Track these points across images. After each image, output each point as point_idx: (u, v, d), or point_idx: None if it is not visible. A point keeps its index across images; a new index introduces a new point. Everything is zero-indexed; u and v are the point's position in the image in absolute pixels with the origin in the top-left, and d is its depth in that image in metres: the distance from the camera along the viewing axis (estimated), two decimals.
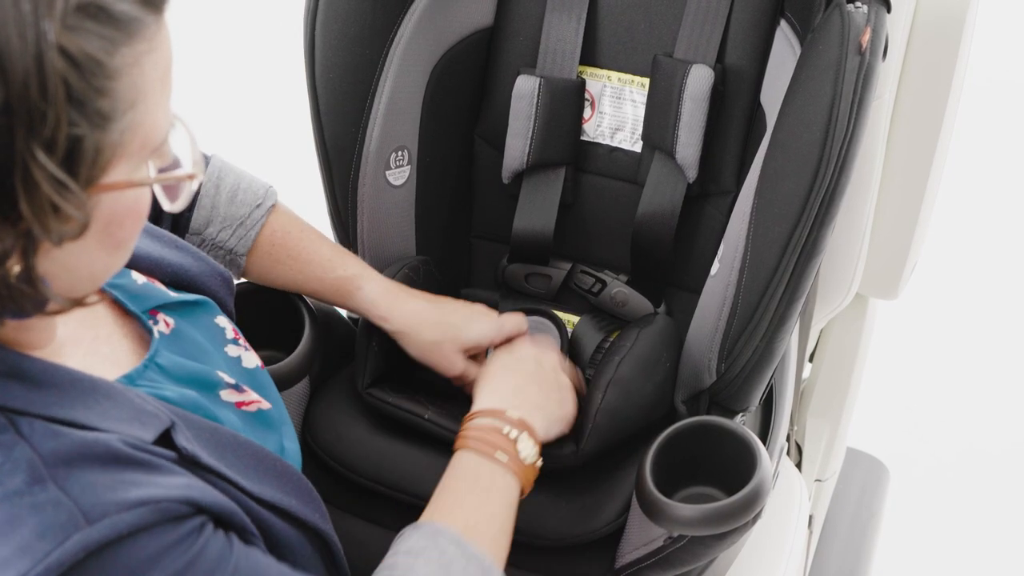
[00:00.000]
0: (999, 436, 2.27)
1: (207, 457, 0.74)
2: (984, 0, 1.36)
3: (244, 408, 0.87)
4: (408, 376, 1.21)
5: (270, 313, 1.12)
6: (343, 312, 1.27)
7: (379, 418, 1.14)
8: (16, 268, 0.62)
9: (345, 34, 1.16)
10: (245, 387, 0.88)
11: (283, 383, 1.10)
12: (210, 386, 0.85)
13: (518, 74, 1.26)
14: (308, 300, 1.14)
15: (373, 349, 1.14)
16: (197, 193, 1.05)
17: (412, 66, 1.22)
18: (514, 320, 1.13)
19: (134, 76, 0.64)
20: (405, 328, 1.11)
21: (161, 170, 0.70)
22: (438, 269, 1.26)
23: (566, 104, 1.25)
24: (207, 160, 1.06)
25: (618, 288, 1.28)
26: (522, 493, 0.95)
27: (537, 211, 1.28)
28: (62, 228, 0.62)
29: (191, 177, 0.71)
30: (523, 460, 0.95)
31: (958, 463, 2.22)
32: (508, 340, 1.12)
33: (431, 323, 1.11)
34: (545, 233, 1.27)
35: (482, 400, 1.00)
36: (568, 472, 1.07)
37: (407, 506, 1.08)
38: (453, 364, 1.11)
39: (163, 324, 0.85)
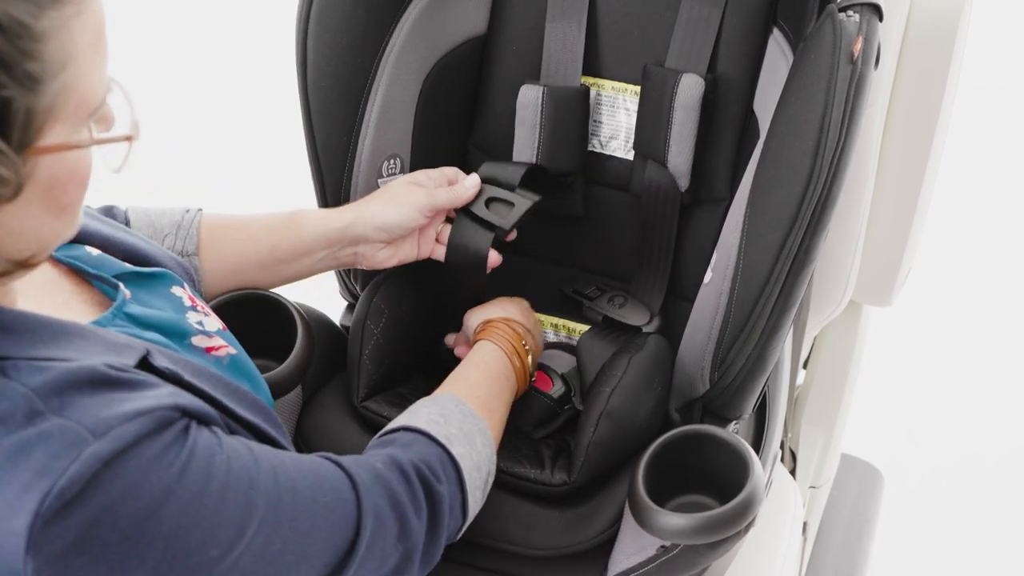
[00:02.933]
0: (994, 442, 2.27)
1: (188, 376, 0.77)
2: (976, 8, 1.36)
3: (214, 353, 0.89)
4: (402, 384, 1.21)
5: (262, 322, 1.11)
6: (335, 319, 1.27)
7: (373, 425, 1.14)
8: None
9: (337, 43, 1.16)
10: (214, 335, 0.90)
11: (276, 391, 1.10)
12: (180, 334, 0.88)
13: (516, 84, 1.25)
14: (300, 308, 1.14)
15: (364, 361, 1.14)
16: (128, 223, 1.07)
17: (405, 74, 1.21)
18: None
19: (62, 39, 0.65)
20: (360, 213, 1.13)
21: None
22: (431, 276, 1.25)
23: (572, 112, 1.24)
24: (125, 211, 1.08)
25: (615, 294, 1.27)
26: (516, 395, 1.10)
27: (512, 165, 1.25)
28: None
29: (128, 139, 0.72)
30: (526, 370, 1.12)
31: (953, 469, 2.22)
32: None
33: (382, 199, 1.15)
34: (510, 181, 1.22)
35: (492, 312, 1.16)
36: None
37: None
38: (419, 198, 1.14)
39: (122, 294, 0.86)
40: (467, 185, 1.17)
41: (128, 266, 0.91)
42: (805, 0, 1.10)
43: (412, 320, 1.21)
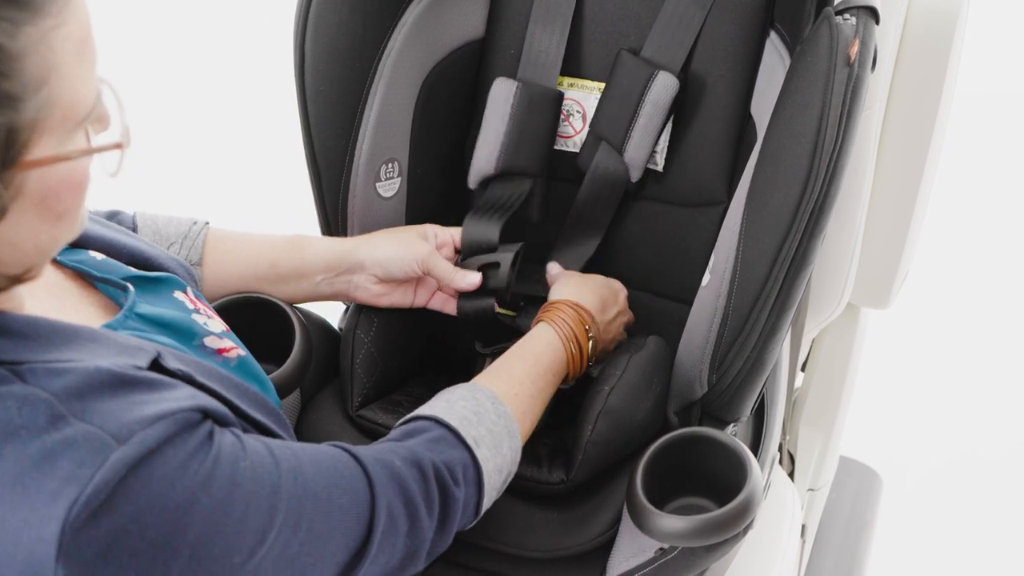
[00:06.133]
0: (992, 444, 2.27)
1: (200, 377, 0.77)
2: (973, 11, 1.36)
3: (225, 355, 0.89)
4: (397, 390, 1.21)
5: (260, 326, 1.12)
6: (333, 324, 1.27)
7: (370, 432, 1.14)
8: None
9: (335, 46, 1.16)
10: (224, 337, 0.90)
11: None
12: (191, 334, 0.88)
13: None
14: (299, 312, 1.14)
15: (356, 371, 1.14)
16: (135, 228, 1.07)
17: (402, 78, 1.22)
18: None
19: (42, 53, 0.63)
20: (362, 244, 1.15)
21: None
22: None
23: (542, 113, 1.24)
24: (132, 217, 1.08)
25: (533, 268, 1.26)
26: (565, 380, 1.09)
27: (493, 209, 1.25)
28: None
29: (119, 146, 0.71)
30: (585, 360, 1.10)
31: (951, 471, 2.22)
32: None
33: (386, 237, 1.17)
34: (491, 242, 1.22)
35: (567, 292, 1.14)
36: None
37: None
38: (419, 250, 1.15)
39: (132, 292, 0.86)
40: (467, 282, 1.17)
41: (132, 270, 0.91)
42: (802, 3, 1.10)
43: (403, 328, 1.21)
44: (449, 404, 0.94)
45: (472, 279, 1.16)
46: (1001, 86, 3.16)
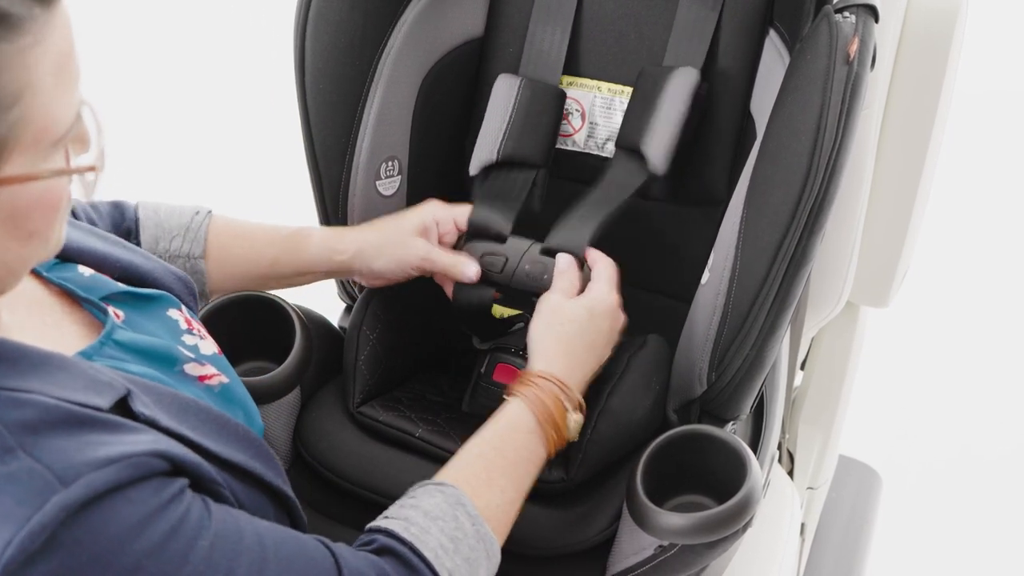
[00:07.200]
0: (991, 443, 2.28)
1: (167, 420, 0.74)
2: (973, 9, 1.37)
3: (207, 382, 0.87)
4: (398, 387, 1.21)
5: (260, 324, 1.12)
6: (333, 321, 1.27)
7: (370, 428, 1.14)
8: None
9: (335, 45, 1.16)
10: (207, 363, 0.88)
11: (274, 393, 1.10)
12: (171, 360, 0.85)
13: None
14: (299, 310, 1.14)
15: (360, 367, 1.14)
16: (137, 220, 1.06)
17: (402, 76, 1.22)
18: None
19: (16, 71, 0.62)
20: (361, 251, 1.12)
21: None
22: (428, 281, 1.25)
23: (545, 107, 1.23)
24: (134, 208, 1.07)
25: (536, 259, 1.15)
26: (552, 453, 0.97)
27: (503, 197, 1.21)
28: None
29: (92, 169, 0.70)
30: (566, 437, 0.97)
31: (950, 470, 2.22)
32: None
33: (383, 240, 1.13)
34: (500, 232, 1.17)
35: (539, 363, 0.99)
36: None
37: None
38: (414, 255, 1.12)
39: (112, 316, 0.84)
40: (468, 272, 1.13)
41: (122, 286, 0.89)
42: (801, 1, 1.10)
43: (408, 325, 1.21)
44: (426, 523, 0.83)
45: (471, 271, 1.12)
46: (1001, 86, 3.16)
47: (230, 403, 0.89)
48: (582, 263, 1.11)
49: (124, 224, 1.07)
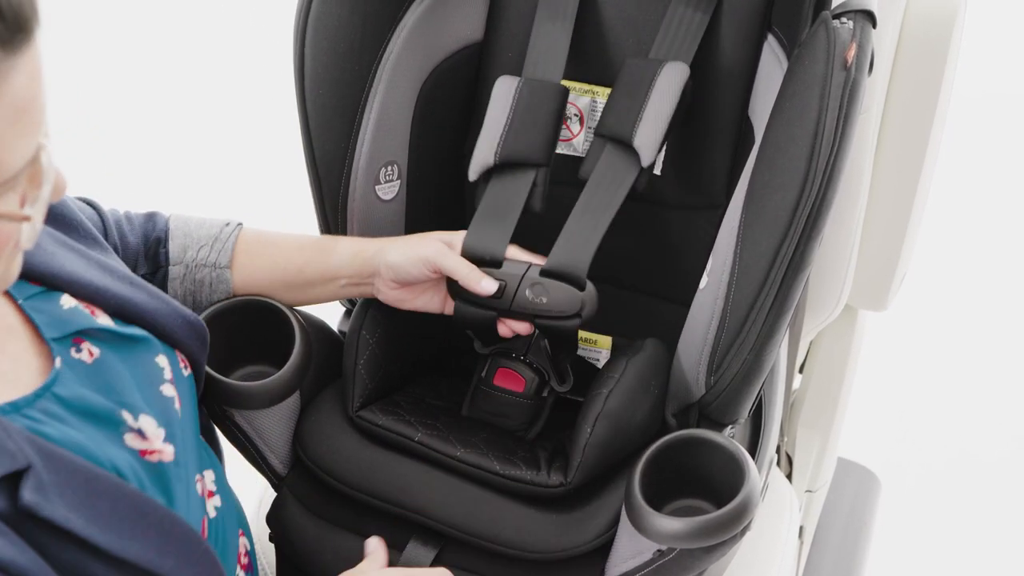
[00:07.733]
0: (990, 445, 2.28)
1: (54, 509, 0.70)
2: (971, 13, 1.37)
3: (146, 457, 0.83)
4: (397, 392, 1.21)
5: (260, 328, 1.12)
6: (333, 326, 1.27)
7: (369, 433, 1.15)
8: None
9: (334, 50, 1.16)
10: (149, 436, 0.83)
11: (273, 397, 1.10)
12: (112, 425, 0.81)
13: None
14: (298, 314, 1.14)
15: (359, 372, 1.15)
16: (167, 230, 1.07)
17: (401, 81, 1.22)
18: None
19: None
20: (382, 248, 1.12)
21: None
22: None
23: (545, 104, 1.21)
24: (166, 219, 1.07)
25: (535, 281, 1.13)
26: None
27: (499, 215, 1.18)
28: None
29: (26, 219, 0.68)
30: None
31: (949, 473, 2.23)
32: None
33: (404, 240, 1.14)
34: (495, 256, 1.15)
35: None
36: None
37: (398, 519, 1.09)
38: (431, 248, 1.10)
39: (86, 353, 0.82)
40: (480, 286, 1.10)
41: (103, 323, 0.85)
42: (799, 7, 1.11)
43: (408, 329, 1.21)
44: None
45: (487, 286, 1.10)
46: (999, 89, 3.17)
47: (161, 484, 0.83)
48: (582, 285, 1.11)
49: (155, 234, 1.08)
